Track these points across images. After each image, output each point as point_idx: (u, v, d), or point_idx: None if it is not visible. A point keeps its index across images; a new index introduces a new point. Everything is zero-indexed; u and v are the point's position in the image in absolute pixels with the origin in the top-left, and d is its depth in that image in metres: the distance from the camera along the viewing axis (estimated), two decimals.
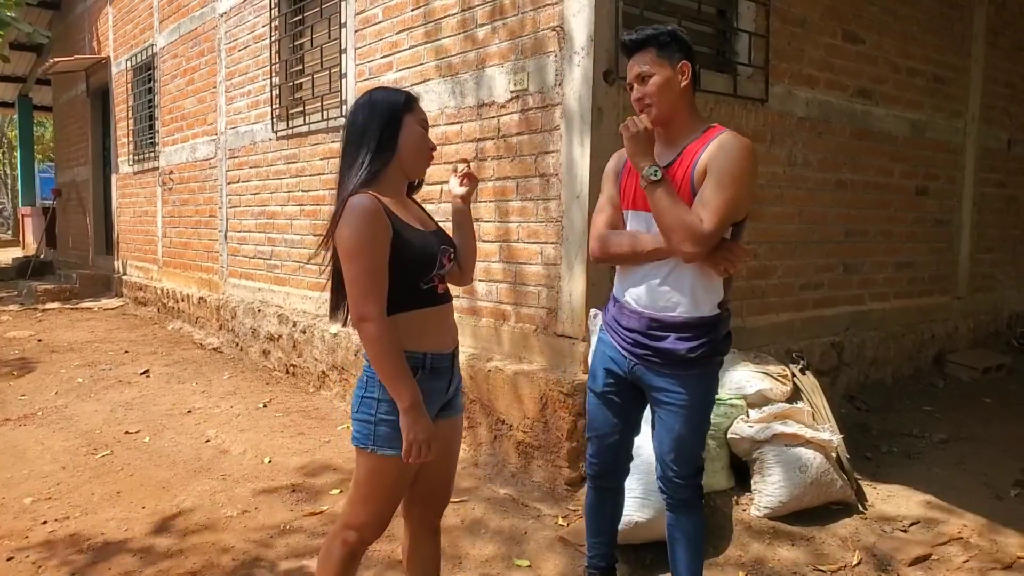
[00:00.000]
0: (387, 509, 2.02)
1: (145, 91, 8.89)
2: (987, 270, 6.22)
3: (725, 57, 4.11)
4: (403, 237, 1.89)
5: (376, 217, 1.84)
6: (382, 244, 1.85)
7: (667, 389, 2.19)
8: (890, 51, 5.01)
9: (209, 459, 4.00)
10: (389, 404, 1.89)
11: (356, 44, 5.03)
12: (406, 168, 1.99)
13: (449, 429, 2.09)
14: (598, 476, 2.45)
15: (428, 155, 2.01)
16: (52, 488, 3.59)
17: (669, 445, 2.23)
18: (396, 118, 1.94)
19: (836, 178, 4.74)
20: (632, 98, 2.21)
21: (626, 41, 2.22)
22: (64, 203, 12.62)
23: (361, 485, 1.99)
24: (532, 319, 3.77)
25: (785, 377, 3.69)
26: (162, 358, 6.39)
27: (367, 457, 1.95)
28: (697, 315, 2.15)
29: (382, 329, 1.84)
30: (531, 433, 3.60)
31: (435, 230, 2.05)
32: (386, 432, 1.91)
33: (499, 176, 3.93)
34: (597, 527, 2.51)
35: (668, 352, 2.16)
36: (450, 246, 2.04)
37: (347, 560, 2.02)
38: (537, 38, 3.68)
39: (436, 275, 1.97)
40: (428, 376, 1.94)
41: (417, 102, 2.01)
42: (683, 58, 2.17)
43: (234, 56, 6.72)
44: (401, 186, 2.02)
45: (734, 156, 2.07)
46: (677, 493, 2.28)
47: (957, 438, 4.32)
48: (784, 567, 2.88)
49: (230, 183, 6.87)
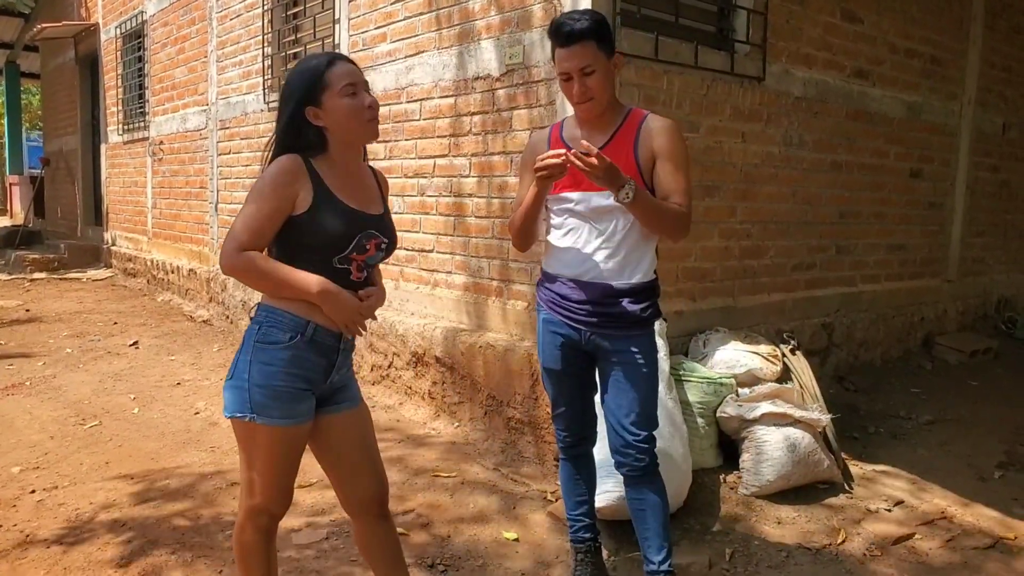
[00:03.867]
0: (285, 478, 1.93)
1: (135, 59, 8.75)
2: (978, 254, 6.25)
3: (723, 34, 4.07)
4: (320, 204, 1.85)
5: (285, 173, 1.83)
6: (280, 198, 1.82)
7: (623, 351, 2.30)
8: (888, 32, 4.98)
9: (198, 431, 4.00)
10: (262, 365, 1.84)
11: (350, 14, 4.95)
12: (348, 140, 1.93)
13: (350, 421, 2.01)
14: (572, 446, 2.52)
15: (365, 119, 1.90)
16: (40, 458, 3.58)
17: (628, 407, 2.30)
18: (310, 105, 1.86)
19: (831, 159, 4.72)
20: (573, 91, 2.22)
21: (566, 31, 2.18)
22: (52, 172, 12.47)
23: (250, 461, 1.91)
24: (523, 296, 3.76)
25: (775, 357, 3.70)
26: (151, 330, 6.37)
27: (245, 427, 1.86)
28: (644, 280, 2.31)
29: (241, 262, 1.81)
30: (521, 409, 3.61)
31: (374, 214, 1.96)
32: (260, 398, 1.83)
33: (493, 151, 3.90)
34: (577, 499, 2.56)
35: (624, 315, 2.28)
36: (383, 235, 1.95)
37: (265, 544, 1.98)
38: (533, 11, 3.63)
39: (353, 258, 1.90)
40: (306, 345, 1.86)
41: (330, 68, 1.87)
42: (614, 50, 2.25)
43: (226, 25, 6.61)
44: (345, 158, 1.94)
45: (677, 138, 2.26)
46: (639, 461, 2.32)
47: (943, 420, 4.36)
48: (771, 545, 2.91)
49: (221, 154, 6.80)
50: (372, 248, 1.93)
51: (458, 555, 2.77)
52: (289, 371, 1.86)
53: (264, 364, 1.85)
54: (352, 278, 1.92)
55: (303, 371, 1.88)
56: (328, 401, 1.98)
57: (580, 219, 2.31)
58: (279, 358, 1.85)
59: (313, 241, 1.86)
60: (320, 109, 1.88)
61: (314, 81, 1.87)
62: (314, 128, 1.90)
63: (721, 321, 4.00)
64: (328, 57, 1.92)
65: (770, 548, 2.89)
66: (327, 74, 1.87)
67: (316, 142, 1.91)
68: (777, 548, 2.89)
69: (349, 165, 1.96)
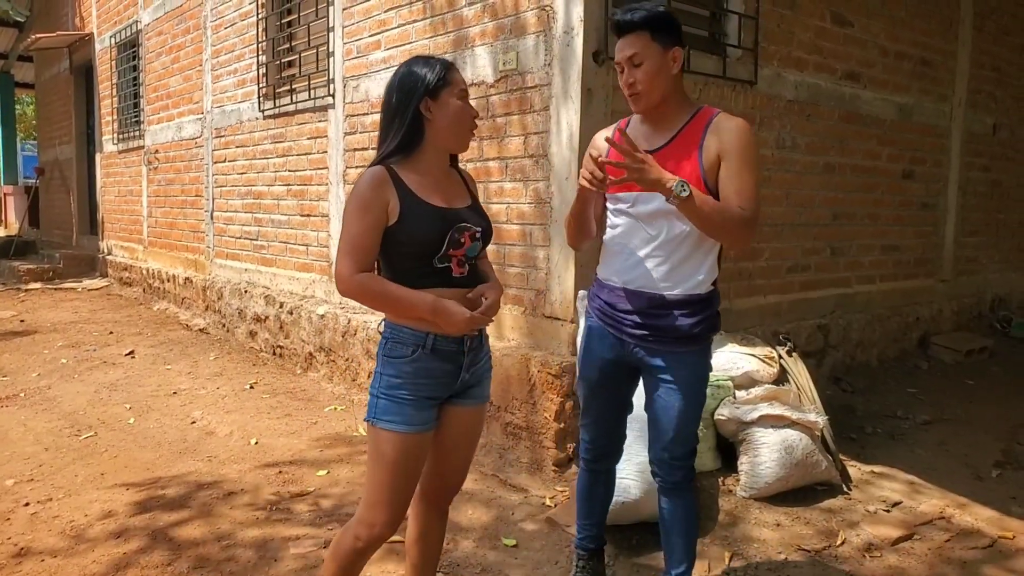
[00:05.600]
0: (396, 494, 1.94)
1: (130, 69, 8.75)
2: (971, 253, 6.27)
3: (715, 38, 4.09)
4: (409, 211, 1.88)
5: (374, 186, 1.88)
6: (372, 211, 1.87)
7: (667, 367, 2.18)
8: (878, 34, 5.01)
9: (195, 441, 3.98)
10: (389, 377, 1.92)
11: (344, 22, 4.96)
12: (445, 143, 1.97)
13: (469, 416, 2.07)
14: (594, 460, 2.45)
15: (468, 127, 1.97)
16: (35, 470, 3.56)
17: (668, 424, 2.21)
18: (428, 96, 1.91)
19: (824, 161, 4.74)
20: (621, 81, 2.17)
21: (620, 21, 2.16)
22: (47, 182, 12.45)
23: (369, 464, 1.97)
24: (520, 300, 3.77)
25: (772, 359, 3.71)
26: (147, 339, 6.35)
27: (371, 431, 1.96)
28: (696, 292, 2.15)
29: (353, 286, 1.88)
30: (519, 415, 3.61)
31: (462, 207, 1.98)
32: (386, 405, 1.91)
33: (489, 156, 3.91)
34: (589, 509, 2.51)
35: (671, 329, 2.15)
36: (474, 225, 1.96)
37: (354, 556, 1.98)
38: (526, 18, 3.64)
39: (452, 255, 1.92)
40: (428, 356, 1.92)
41: (453, 71, 1.96)
42: (675, 43, 2.12)
43: (220, 34, 6.62)
44: (437, 160, 1.98)
45: (745, 137, 2.09)
46: (671, 475, 2.27)
47: (940, 419, 4.37)
48: (770, 547, 2.91)
49: (216, 162, 6.80)
50: (467, 240, 1.94)
51: (457, 562, 2.77)
52: (416, 381, 1.92)
53: (391, 377, 1.93)
54: (454, 275, 1.94)
55: (430, 380, 1.93)
56: (459, 395, 2.03)
57: (633, 221, 2.19)
58: (405, 371, 1.92)
59: (409, 248, 1.90)
60: (435, 102, 1.91)
61: (438, 75, 1.92)
62: (417, 123, 1.92)
63: None
64: (450, 62, 1.99)
65: (769, 551, 2.89)
66: (448, 73, 1.94)
67: (414, 139, 1.93)
68: (776, 550, 2.89)
69: (438, 165, 1.99)
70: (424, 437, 1.96)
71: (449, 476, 2.13)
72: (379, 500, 1.94)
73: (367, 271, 1.90)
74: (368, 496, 1.96)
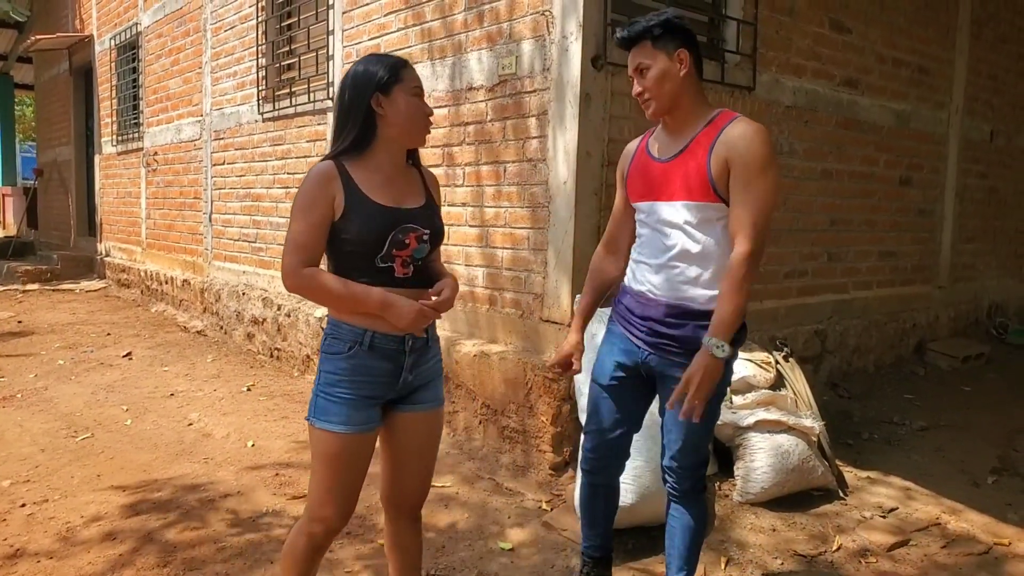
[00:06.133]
0: (343, 489, 1.95)
1: (129, 71, 8.76)
2: (968, 260, 6.29)
3: (714, 44, 4.10)
4: (352, 208, 1.87)
5: (320, 182, 1.87)
6: (318, 207, 1.86)
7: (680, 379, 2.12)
8: (876, 41, 5.02)
9: (191, 442, 3.98)
10: (327, 374, 1.91)
11: (344, 26, 4.97)
12: (400, 140, 1.95)
13: (421, 423, 2.03)
14: (593, 472, 2.40)
15: (420, 123, 1.95)
16: (31, 471, 3.56)
17: (678, 434, 2.20)
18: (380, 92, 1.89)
19: (821, 167, 4.75)
20: (633, 91, 2.17)
21: (619, 39, 2.16)
22: (46, 183, 12.45)
23: (312, 462, 1.96)
24: (518, 304, 3.77)
25: (768, 364, 3.71)
26: (145, 340, 6.35)
27: (310, 431, 1.95)
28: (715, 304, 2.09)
29: (299, 281, 1.88)
30: (516, 418, 3.61)
31: (412, 207, 1.95)
32: (324, 404, 1.91)
33: (486, 160, 3.91)
34: (592, 520, 2.49)
35: (687, 340, 2.11)
36: (422, 226, 1.93)
37: (310, 552, 1.98)
38: (525, 22, 3.66)
39: (396, 255, 1.90)
40: (366, 353, 1.90)
41: (407, 68, 1.94)
42: (680, 46, 2.10)
43: (220, 36, 6.63)
44: (390, 157, 1.96)
45: (753, 147, 2.02)
46: (680, 483, 2.26)
47: (936, 425, 4.38)
48: (766, 553, 2.91)
49: (215, 165, 6.80)
50: (413, 241, 1.92)
51: (453, 566, 2.77)
52: (351, 379, 1.90)
53: (328, 373, 1.92)
54: (396, 275, 1.92)
55: (367, 378, 1.91)
56: (403, 400, 2.00)
57: (651, 231, 2.19)
58: (341, 367, 1.91)
59: (351, 245, 1.88)
60: (387, 98, 1.90)
61: (389, 72, 1.91)
62: (370, 119, 1.91)
63: None
64: (404, 60, 1.97)
65: (764, 556, 2.89)
66: (401, 70, 1.93)
67: (367, 133, 1.93)
68: (771, 555, 2.89)
69: (392, 162, 1.97)
70: (365, 437, 1.94)
71: (410, 484, 2.08)
72: (325, 498, 1.95)
73: (313, 267, 1.89)
74: (313, 494, 1.97)
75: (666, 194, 2.13)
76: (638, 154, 2.27)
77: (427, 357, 2.02)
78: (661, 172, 2.16)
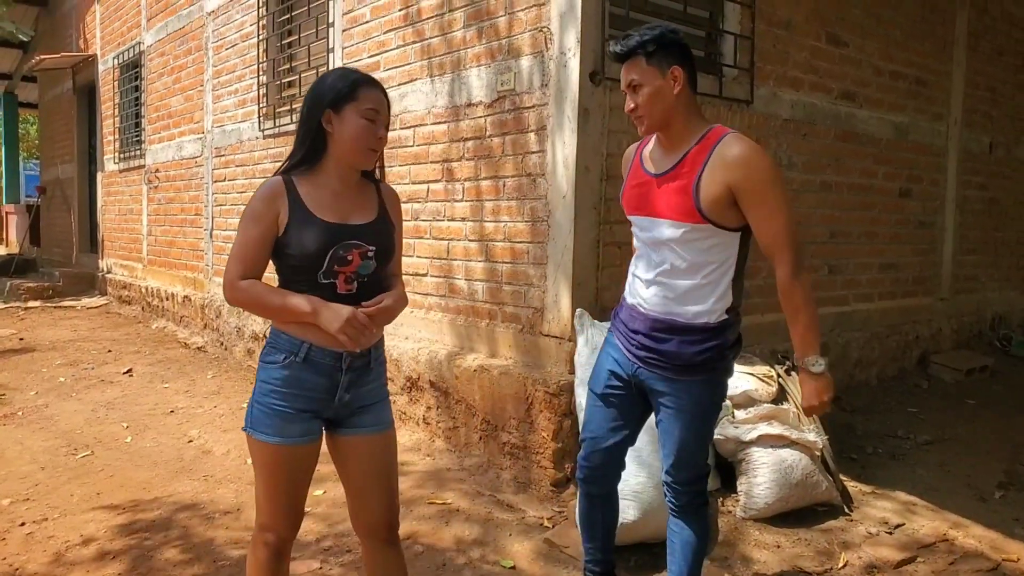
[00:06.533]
0: (285, 498, 1.94)
1: (132, 89, 8.82)
2: (970, 271, 6.27)
3: (711, 58, 4.12)
4: (294, 223, 1.87)
5: (265, 198, 1.88)
6: (262, 222, 1.88)
7: (669, 394, 2.15)
8: (873, 54, 5.04)
9: (191, 460, 3.96)
10: (262, 383, 1.91)
11: (344, 43, 5.00)
12: (343, 158, 1.92)
13: (368, 447, 1.98)
14: (588, 481, 2.38)
15: (366, 145, 1.90)
16: (30, 489, 3.54)
17: (670, 448, 2.20)
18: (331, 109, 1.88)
19: (820, 179, 4.76)
20: (626, 107, 2.17)
21: (613, 52, 2.16)
22: (49, 201, 12.50)
23: (256, 477, 1.95)
24: (518, 319, 3.76)
25: (770, 378, 3.69)
26: (145, 357, 6.34)
27: (248, 441, 1.94)
28: (703, 320, 2.10)
29: (236, 294, 1.89)
30: (516, 434, 3.59)
31: (359, 223, 1.92)
32: (258, 414, 1.90)
33: (486, 175, 3.92)
34: (591, 533, 2.47)
35: (672, 355, 2.11)
36: (367, 243, 1.90)
37: (272, 562, 1.97)
38: (523, 39, 3.67)
39: (338, 271, 1.88)
40: (300, 365, 1.88)
41: (366, 88, 1.90)
42: (675, 63, 2.08)
43: (221, 55, 6.67)
44: (340, 173, 1.94)
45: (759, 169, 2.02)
46: (677, 498, 2.26)
47: (941, 439, 4.35)
48: (769, 569, 2.88)
49: (216, 181, 6.83)
50: (356, 258, 1.89)
51: None
52: (285, 391, 1.89)
53: (263, 382, 1.91)
54: (338, 291, 1.90)
55: (301, 391, 1.89)
56: (344, 423, 1.98)
57: (643, 245, 2.21)
58: (275, 377, 1.89)
59: (294, 260, 1.89)
60: (336, 116, 1.89)
61: (345, 90, 1.89)
62: (320, 136, 1.91)
63: None
64: (368, 78, 1.94)
65: (768, 572, 2.86)
66: (358, 90, 1.89)
67: (318, 149, 1.93)
68: (775, 572, 2.86)
69: (341, 179, 1.95)
70: (302, 449, 1.92)
71: (374, 509, 2.01)
72: (269, 509, 1.95)
73: (252, 279, 1.89)
74: (259, 504, 1.97)
75: (656, 210, 2.13)
76: (634, 165, 2.27)
77: (368, 379, 1.98)
78: (653, 187, 2.16)
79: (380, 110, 1.92)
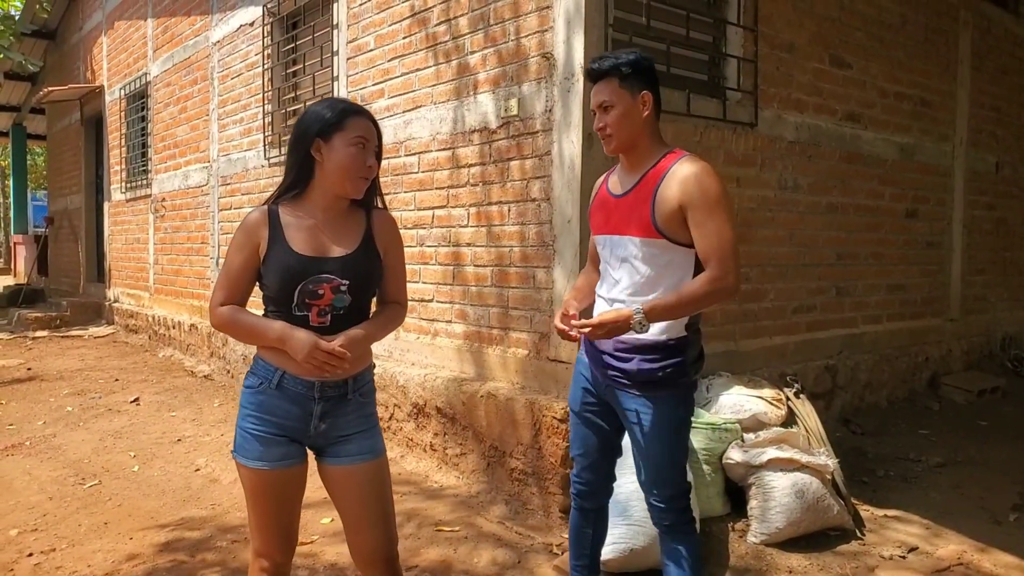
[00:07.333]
0: (274, 522, 1.95)
1: (138, 119, 8.91)
2: (979, 292, 6.24)
3: (715, 82, 4.14)
4: (270, 255, 1.90)
5: (248, 228, 1.93)
6: (245, 251, 1.92)
7: (636, 410, 2.19)
8: (877, 76, 5.07)
9: (198, 488, 3.94)
10: (241, 408, 1.95)
11: (348, 71, 5.05)
12: (332, 187, 1.92)
13: (354, 477, 1.96)
14: (581, 496, 2.45)
15: (356, 174, 1.90)
16: (38, 519, 3.52)
17: (643, 467, 2.24)
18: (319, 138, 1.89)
19: (826, 201, 4.76)
20: (594, 125, 2.25)
21: (589, 69, 2.25)
22: (56, 231, 12.59)
23: (246, 501, 1.98)
24: (524, 344, 3.75)
25: (779, 401, 3.67)
26: (152, 386, 6.33)
27: (235, 464, 1.96)
28: (663, 337, 2.14)
29: (220, 318, 1.94)
30: (524, 460, 3.56)
31: (335, 256, 1.91)
32: (239, 438, 1.94)
33: (490, 201, 3.93)
34: (579, 551, 2.50)
35: (634, 373, 2.16)
36: (340, 276, 1.89)
37: None
38: (527, 65, 3.70)
39: (311, 304, 1.88)
40: (273, 392, 1.91)
41: (354, 117, 1.91)
42: (645, 87, 2.17)
43: (227, 84, 6.75)
44: (326, 203, 1.94)
45: (702, 184, 2.08)
46: (659, 517, 2.27)
47: (954, 462, 4.29)
48: None
49: (222, 210, 6.87)
50: (327, 292, 1.89)
51: None
52: (260, 415, 1.92)
53: (242, 406, 1.96)
54: (311, 323, 1.90)
55: (275, 417, 1.92)
56: (327, 452, 1.98)
57: (605, 264, 2.29)
58: (251, 402, 1.94)
59: (269, 291, 1.93)
60: (326, 145, 1.90)
61: (333, 118, 1.90)
62: (307, 164, 1.93)
63: (723, 365, 3.97)
64: (357, 107, 1.96)
65: None
66: (347, 119, 1.91)
67: (306, 178, 1.95)
68: None
69: (326, 208, 1.95)
70: (284, 473, 1.92)
71: (368, 538, 1.98)
72: (263, 534, 1.96)
73: (234, 305, 1.94)
74: (252, 530, 1.99)
75: (619, 227, 2.22)
76: (601, 191, 2.37)
77: (346, 409, 1.96)
78: (615, 207, 2.26)
79: (369, 138, 1.93)
